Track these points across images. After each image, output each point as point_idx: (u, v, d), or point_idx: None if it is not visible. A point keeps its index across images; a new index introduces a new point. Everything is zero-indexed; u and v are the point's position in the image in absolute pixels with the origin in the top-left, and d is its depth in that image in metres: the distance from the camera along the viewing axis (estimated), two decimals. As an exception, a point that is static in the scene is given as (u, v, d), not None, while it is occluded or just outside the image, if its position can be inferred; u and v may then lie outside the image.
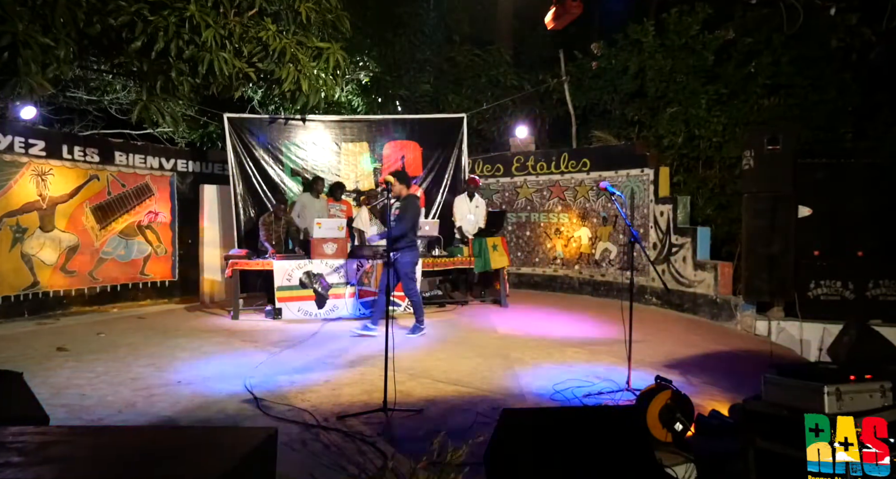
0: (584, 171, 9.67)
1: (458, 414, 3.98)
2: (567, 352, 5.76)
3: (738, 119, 7.85)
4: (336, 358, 5.55)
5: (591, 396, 4.37)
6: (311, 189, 8.60)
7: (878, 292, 6.55)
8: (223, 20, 5.95)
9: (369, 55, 10.77)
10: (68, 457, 1.72)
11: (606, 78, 9.84)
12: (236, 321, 7.37)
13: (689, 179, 8.51)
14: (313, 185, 8.61)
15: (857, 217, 6.57)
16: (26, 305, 7.48)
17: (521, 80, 11.40)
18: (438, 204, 9.58)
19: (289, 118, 9.03)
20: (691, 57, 8.47)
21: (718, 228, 8.09)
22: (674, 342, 6.21)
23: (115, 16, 5.50)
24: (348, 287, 7.59)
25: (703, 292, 7.71)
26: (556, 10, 7.17)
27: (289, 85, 6.45)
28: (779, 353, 5.85)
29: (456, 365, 5.29)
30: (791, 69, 7.63)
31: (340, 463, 3.25)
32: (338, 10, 6.91)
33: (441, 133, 9.65)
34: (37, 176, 7.55)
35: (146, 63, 6.23)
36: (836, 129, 7.42)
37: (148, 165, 8.88)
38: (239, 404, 4.18)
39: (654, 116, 8.99)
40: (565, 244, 9.93)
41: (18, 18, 4.91)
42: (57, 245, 7.79)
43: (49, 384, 4.56)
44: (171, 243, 9.18)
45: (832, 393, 2.88)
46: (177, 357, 5.53)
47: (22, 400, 2.98)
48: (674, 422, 3.46)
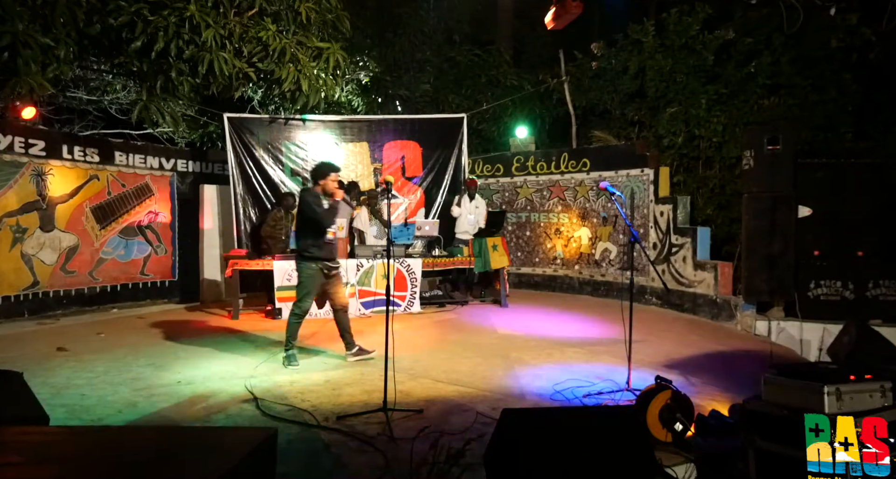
0: (584, 171, 9.67)
1: (458, 414, 3.98)
2: (567, 352, 5.76)
3: (738, 119, 7.85)
4: (336, 358, 5.55)
5: (591, 396, 4.37)
6: (348, 193, 8.64)
7: (878, 292, 6.55)
8: (223, 20, 5.95)
9: (369, 55, 10.76)
10: (68, 457, 1.72)
11: (606, 78, 9.83)
12: (236, 321, 7.37)
13: (689, 179, 8.51)
14: (351, 190, 8.67)
15: (857, 217, 6.57)
16: (26, 305, 7.48)
17: (521, 80, 11.40)
18: (438, 204, 9.58)
19: (289, 118, 9.03)
20: (691, 57, 8.47)
21: (718, 228, 8.09)
22: (674, 342, 6.21)
23: (115, 16, 5.51)
24: (348, 287, 7.59)
25: (703, 292, 7.71)
26: (556, 10, 7.17)
27: (289, 85, 6.45)
28: (779, 353, 5.84)
29: (456, 365, 5.29)
30: (791, 69, 7.63)
31: (340, 463, 3.25)
32: (338, 10, 6.91)
33: (441, 133, 9.65)
34: (37, 176, 7.56)
35: (146, 63, 6.23)
36: (836, 129, 7.42)
37: (148, 165, 8.88)
38: (239, 404, 4.18)
39: (654, 116, 8.99)
40: (565, 244, 9.93)
41: (18, 18, 4.92)
42: (57, 245, 7.79)
43: (49, 384, 4.56)
44: (171, 242, 9.18)
45: (832, 393, 2.88)
46: (177, 357, 5.53)
47: (22, 400, 2.98)
48: (674, 422, 3.46)
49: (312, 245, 5.17)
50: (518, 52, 12.70)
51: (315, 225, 5.13)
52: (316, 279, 5.26)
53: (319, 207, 5.10)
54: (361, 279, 7.65)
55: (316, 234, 5.17)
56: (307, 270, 5.21)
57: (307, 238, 5.18)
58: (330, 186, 5.18)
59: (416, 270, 7.88)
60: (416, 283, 7.88)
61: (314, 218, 5.09)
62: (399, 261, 7.75)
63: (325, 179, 5.17)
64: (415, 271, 7.88)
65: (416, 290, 7.90)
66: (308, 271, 5.21)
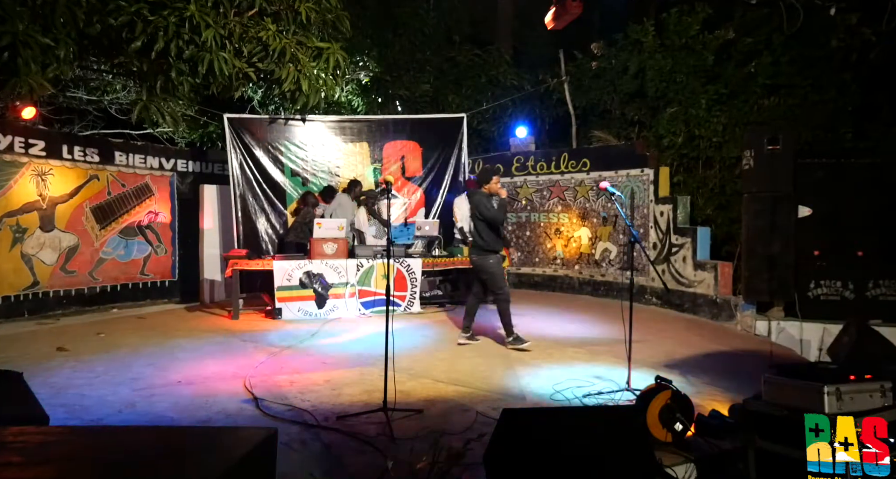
0: (584, 171, 9.66)
1: (458, 414, 3.98)
2: (567, 352, 5.76)
3: (738, 119, 7.84)
4: (336, 358, 5.55)
5: (591, 396, 4.37)
6: (350, 191, 8.75)
7: (878, 292, 6.55)
8: (223, 20, 5.94)
9: (369, 55, 10.76)
10: (68, 457, 1.72)
11: (606, 78, 9.83)
12: (236, 321, 7.37)
13: (689, 179, 8.51)
14: (353, 188, 8.79)
15: (857, 217, 6.56)
16: (26, 305, 7.49)
17: (521, 80, 11.39)
18: (438, 204, 9.58)
19: (289, 118, 9.02)
20: (691, 57, 8.46)
21: (718, 228, 8.09)
22: (674, 342, 6.21)
23: (115, 16, 5.49)
24: (348, 287, 7.60)
25: (703, 292, 7.71)
26: (556, 10, 7.17)
27: (289, 85, 6.45)
28: (779, 353, 5.84)
29: (456, 365, 5.29)
30: (791, 69, 7.62)
31: (340, 463, 3.24)
32: (338, 10, 6.90)
33: (441, 133, 9.65)
34: (37, 176, 7.56)
35: (146, 63, 6.22)
36: (836, 129, 7.41)
37: (148, 165, 8.88)
38: (239, 404, 4.19)
39: (654, 116, 8.98)
40: (565, 244, 9.93)
41: (18, 18, 4.91)
42: (57, 245, 7.79)
43: (49, 384, 4.56)
44: (171, 242, 9.19)
45: (832, 393, 2.88)
46: (177, 357, 5.53)
47: (22, 400, 2.98)
48: (674, 422, 3.46)
49: (495, 240, 5.94)
50: (518, 52, 12.69)
51: (492, 221, 5.87)
52: (499, 266, 6.00)
53: (491, 205, 5.85)
54: (361, 279, 7.65)
55: (495, 229, 5.94)
56: (490, 259, 5.94)
57: (489, 234, 5.92)
58: (494, 187, 5.95)
59: (416, 270, 7.88)
60: (416, 283, 7.88)
61: (489, 215, 5.83)
62: (399, 261, 7.75)
63: (489, 182, 5.97)
64: (415, 271, 7.88)
65: (416, 290, 7.91)
66: (492, 260, 5.94)
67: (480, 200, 5.89)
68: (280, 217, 8.95)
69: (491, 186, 5.94)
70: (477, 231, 6.02)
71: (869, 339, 4.73)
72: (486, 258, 5.93)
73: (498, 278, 5.94)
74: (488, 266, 5.94)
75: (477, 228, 6.00)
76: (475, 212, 5.97)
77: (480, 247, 5.96)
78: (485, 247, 5.92)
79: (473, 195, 6.11)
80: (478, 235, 5.99)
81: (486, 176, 6.05)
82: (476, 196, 5.99)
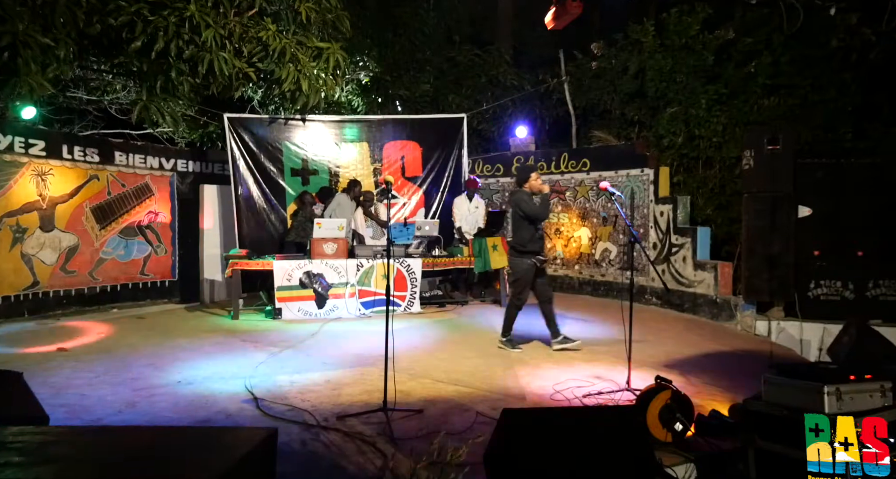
0: (584, 171, 9.66)
1: (458, 414, 3.98)
2: (567, 352, 5.76)
3: (738, 119, 7.84)
4: (336, 358, 5.55)
5: (590, 396, 4.37)
6: (349, 191, 8.73)
7: (878, 292, 6.55)
8: (223, 20, 5.94)
9: (369, 55, 10.75)
10: (68, 457, 1.72)
11: (606, 78, 9.83)
12: (236, 321, 7.37)
13: (689, 179, 8.50)
14: (352, 188, 8.76)
15: (857, 217, 6.57)
16: (26, 305, 7.48)
17: (521, 80, 11.39)
18: (438, 204, 9.58)
19: (289, 118, 9.02)
20: (691, 57, 8.46)
21: (718, 228, 8.09)
22: (674, 342, 6.21)
23: (115, 16, 5.50)
24: (348, 287, 7.60)
25: (703, 292, 7.71)
26: (556, 10, 7.18)
27: (289, 85, 6.45)
28: (779, 353, 5.85)
29: (456, 365, 5.29)
30: (791, 69, 7.62)
31: (340, 463, 3.24)
32: (338, 10, 6.91)
33: (441, 133, 9.65)
34: (37, 176, 7.55)
35: (146, 63, 6.22)
36: (836, 129, 7.41)
37: (148, 165, 8.87)
38: (239, 404, 4.18)
39: (654, 116, 8.98)
40: (565, 244, 9.93)
41: (18, 18, 4.91)
42: (57, 245, 7.79)
43: (49, 384, 4.56)
44: (171, 242, 9.18)
45: (832, 393, 2.88)
46: (177, 357, 5.53)
47: (22, 400, 2.98)
48: (674, 422, 3.46)
49: (529, 240, 5.71)
50: (518, 52, 12.68)
51: (532, 220, 5.69)
52: (530, 273, 5.76)
53: (532, 203, 5.68)
54: (361, 279, 7.65)
55: (532, 229, 5.73)
56: (523, 265, 5.75)
57: (524, 234, 5.73)
58: (535, 184, 5.78)
59: (416, 270, 7.88)
60: (416, 283, 7.88)
61: (531, 212, 5.65)
62: (399, 261, 7.75)
63: (528, 180, 5.79)
64: (415, 271, 7.88)
65: (416, 290, 7.90)
66: (524, 265, 5.74)
67: (521, 197, 5.72)
68: (280, 217, 8.95)
69: (532, 184, 5.77)
70: (513, 231, 5.95)
71: (869, 339, 4.74)
72: (516, 260, 5.81)
73: (520, 283, 5.81)
74: (515, 267, 5.85)
75: (514, 227, 5.92)
76: (516, 210, 5.82)
77: (513, 248, 5.88)
78: (518, 248, 5.79)
79: (514, 194, 5.96)
80: (514, 235, 5.92)
81: (524, 174, 5.87)
82: (516, 195, 5.83)
